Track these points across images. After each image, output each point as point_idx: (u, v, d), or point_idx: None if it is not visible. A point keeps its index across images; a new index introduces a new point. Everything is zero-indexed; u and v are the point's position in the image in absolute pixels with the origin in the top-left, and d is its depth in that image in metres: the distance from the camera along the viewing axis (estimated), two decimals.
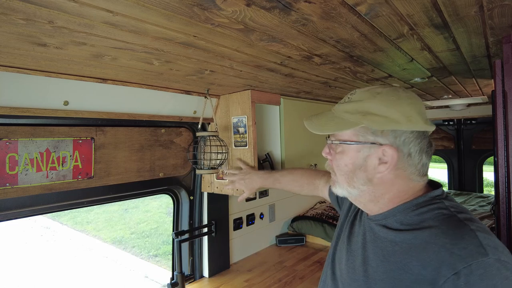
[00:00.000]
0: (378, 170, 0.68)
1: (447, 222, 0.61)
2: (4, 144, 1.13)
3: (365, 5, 0.69)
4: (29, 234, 7.64)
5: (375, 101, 0.69)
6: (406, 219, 0.67)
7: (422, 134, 0.68)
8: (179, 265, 1.71)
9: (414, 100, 0.69)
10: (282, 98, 1.89)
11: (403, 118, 0.66)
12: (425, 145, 0.69)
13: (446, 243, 0.58)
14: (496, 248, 0.56)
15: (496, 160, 1.06)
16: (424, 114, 0.69)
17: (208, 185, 1.85)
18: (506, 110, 1.00)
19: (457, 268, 0.54)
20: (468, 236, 0.57)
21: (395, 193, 0.70)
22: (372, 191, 0.71)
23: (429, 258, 0.58)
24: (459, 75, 1.60)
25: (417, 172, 0.69)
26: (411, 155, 0.68)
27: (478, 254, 0.55)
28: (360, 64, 1.26)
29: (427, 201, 0.68)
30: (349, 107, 0.72)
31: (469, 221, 0.60)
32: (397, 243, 0.66)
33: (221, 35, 0.82)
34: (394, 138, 0.67)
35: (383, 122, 0.66)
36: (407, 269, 0.61)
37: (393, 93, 0.69)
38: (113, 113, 1.36)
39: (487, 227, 0.61)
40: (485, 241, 0.56)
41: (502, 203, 1.03)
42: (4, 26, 0.69)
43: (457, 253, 0.56)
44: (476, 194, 3.38)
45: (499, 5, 0.74)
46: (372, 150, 0.68)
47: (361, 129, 0.69)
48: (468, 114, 3.35)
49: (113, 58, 0.97)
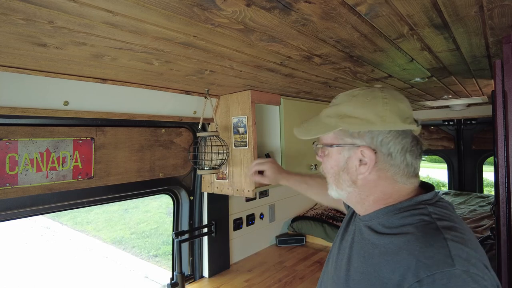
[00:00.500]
0: (359, 171, 0.69)
1: (423, 229, 0.60)
2: (4, 144, 1.13)
3: (365, 5, 0.69)
4: (29, 234, 7.64)
5: (351, 103, 0.70)
6: (388, 223, 0.67)
7: (403, 133, 0.67)
8: (179, 265, 1.71)
9: (391, 100, 0.68)
10: (282, 98, 1.89)
11: (377, 118, 0.66)
12: (408, 144, 0.67)
13: (415, 250, 0.57)
14: (468, 260, 0.54)
15: (496, 160, 1.06)
16: (403, 113, 0.67)
17: (208, 185, 1.85)
18: (506, 110, 1.00)
19: (420, 276, 0.54)
20: (438, 244, 0.56)
21: (379, 194, 0.70)
22: (358, 193, 0.72)
23: (399, 263, 0.58)
24: (459, 75, 1.60)
25: (402, 172, 0.68)
26: (391, 155, 0.67)
27: (444, 264, 0.53)
28: (360, 64, 1.26)
29: (411, 206, 0.67)
30: (330, 111, 0.74)
31: (447, 229, 0.59)
32: (376, 246, 0.66)
33: (221, 35, 0.82)
34: (371, 139, 0.67)
35: (359, 124, 0.67)
36: (380, 273, 0.61)
37: (369, 94, 0.70)
38: (113, 113, 1.36)
39: (467, 237, 0.59)
40: (456, 251, 0.55)
41: (502, 203, 1.03)
42: (4, 26, 0.69)
43: (423, 261, 0.55)
44: (476, 194, 3.38)
45: (499, 5, 0.74)
46: (351, 152, 0.69)
47: (339, 132, 0.71)
48: (468, 114, 3.34)
49: (113, 58, 0.97)
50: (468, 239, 0.59)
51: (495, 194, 1.16)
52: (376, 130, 0.66)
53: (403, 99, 0.70)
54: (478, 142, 3.54)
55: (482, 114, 3.25)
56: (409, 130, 0.67)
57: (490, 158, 3.68)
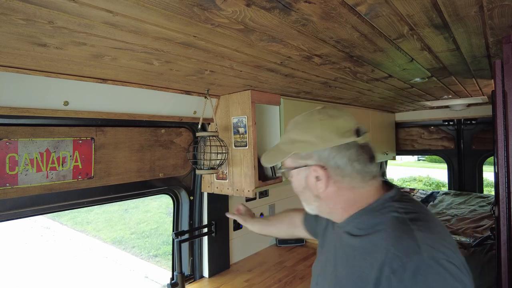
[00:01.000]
0: (318, 187, 0.76)
1: (393, 224, 0.66)
2: (4, 144, 1.13)
3: (365, 5, 0.69)
4: (29, 234, 7.64)
5: (296, 130, 0.79)
6: (362, 225, 0.73)
7: (345, 146, 0.73)
8: (179, 265, 1.71)
9: (326, 120, 0.75)
10: (282, 98, 1.89)
11: (317, 139, 0.74)
12: (353, 155, 0.73)
13: (389, 244, 0.63)
14: (433, 247, 0.60)
15: (496, 160, 1.06)
16: (340, 129, 0.74)
17: (208, 185, 1.85)
18: (506, 110, 1.00)
19: (394, 266, 0.60)
20: (406, 236, 0.63)
21: (345, 203, 0.76)
22: (325, 205, 0.79)
23: (376, 259, 0.64)
24: (459, 75, 1.60)
25: (358, 179, 0.74)
26: (340, 168, 0.73)
27: (413, 252, 0.59)
28: (360, 64, 1.26)
29: (380, 205, 0.73)
30: (284, 138, 0.83)
31: (414, 221, 0.65)
32: (356, 249, 0.71)
33: (221, 35, 0.82)
34: (318, 158, 0.74)
35: (305, 147, 0.75)
36: (362, 272, 0.67)
37: (308, 119, 0.78)
38: (113, 113, 1.36)
39: (432, 226, 0.65)
40: (422, 239, 0.61)
41: (502, 203, 1.03)
42: (4, 26, 0.69)
43: (396, 253, 0.61)
44: (476, 194, 3.38)
45: (499, 5, 0.74)
46: (307, 171, 0.77)
47: (294, 156, 0.79)
48: (468, 114, 3.35)
49: (113, 58, 0.97)
50: (434, 227, 0.65)
51: (495, 194, 1.16)
52: (320, 149, 0.74)
53: (340, 116, 0.76)
54: (478, 142, 3.54)
55: (482, 114, 3.25)
56: (351, 142, 0.73)
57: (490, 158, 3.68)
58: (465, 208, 3.05)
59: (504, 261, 1.04)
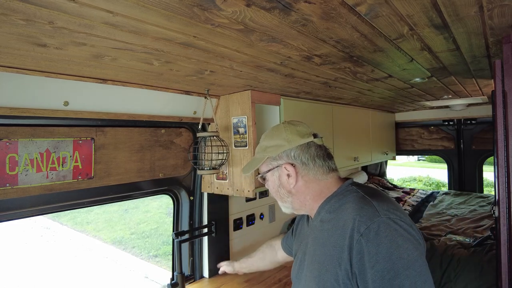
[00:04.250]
0: (289, 183, 0.92)
1: (355, 199, 0.82)
2: (4, 144, 1.13)
3: (365, 6, 0.69)
4: (29, 234, 7.64)
5: (267, 138, 0.98)
6: (331, 208, 0.87)
7: (307, 145, 0.92)
8: (179, 266, 1.71)
9: (289, 126, 0.95)
10: (282, 98, 1.89)
11: (284, 141, 0.93)
12: (313, 152, 0.92)
13: (355, 215, 0.77)
14: (388, 210, 0.76)
15: (496, 160, 1.06)
16: (301, 133, 0.93)
17: (208, 185, 1.85)
18: (506, 110, 1.00)
19: (361, 230, 0.74)
20: (367, 205, 0.78)
21: (313, 193, 0.92)
22: (297, 199, 0.94)
23: (346, 229, 0.77)
24: (459, 75, 1.61)
25: (320, 172, 0.91)
26: (305, 163, 0.91)
27: (374, 216, 0.75)
28: (360, 64, 1.26)
29: (343, 190, 0.89)
30: (257, 148, 1.01)
31: (371, 195, 0.82)
32: (328, 229, 0.84)
33: (221, 35, 0.82)
34: (287, 157, 0.92)
35: (275, 150, 0.94)
36: (336, 243, 0.79)
37: (275, 129, 0.98)
38: (113, 114, 1.36)
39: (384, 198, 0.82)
40: (379, 206, 0.77)
41: (502, 203, 1.03)
42: (4, 27, 0.69)
43: (361, 219, 0.75)
44: (476, 194, 3.37)
45: (499, 5, 0.74)
46: (279, 171, 0.93)
47: (267, 160, 0.96)
48: (468, 114, 3.35)
49: (113, 58, 0.97)
50: (387, 200, 0.82)
51: (495, 194, 1.16)
52: (287, 149, 0.92)
53: (299, 124, 0.97)
54: (478, 142, 3.54)
55: (482, 114, 3.25)
56: (311, 142, 0.93)
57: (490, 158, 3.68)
58: (465, 208, 3.05)
59: (504, 261, 1.04)
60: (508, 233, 1.02)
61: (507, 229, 1.02)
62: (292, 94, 1.91)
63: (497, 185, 1.05)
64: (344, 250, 0.75)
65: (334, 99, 2.31)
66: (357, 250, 0.73)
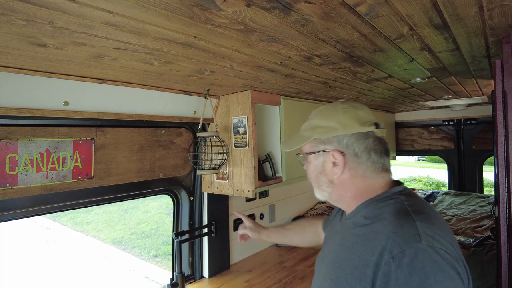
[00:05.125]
0: (334, 172, 0.80)
1: (396, 213, 0.70)
2: (4, 144, 1.13)
3: (365, 6, 0.69)
4: (29, 234, 7.63)
5: (318, 116, 0.85)
6: (368, 214, 0.76)
7: (364, 134, 0.79)
8: (179, 266, 1.71)
9: (349, 108, 0.81)
10: (282, 99, 1.89)
11: (339, 125, 0.79)
12: (371, 144, 0.78)
13: (390, 231, 0.66)
14: (432, 237, 0.63)
15: (496, 160, 1.06)
16: (361, 118, 0.80)
17: (208, 185, 1.85)
18: (506, 110, 1.00)
19: (394, 252, 0.62)
20: (408, 225, 0.65)
21: (356, 191, 0.80)
22: (336, 191, 0.83)
23: (377, 245, 0.66)
24: (459, 76, 1.61)
25: (371, 169, 0.78)
26: (357, 155, 0.78)
27: (413, 240, 0.62)
28: (360, 65, 1.26)
29: (387, 197, 0.76)
30: (305, 125, 0.89)
31: (416, 213, 0.69)
32: (359, 236, 0.74)
33: (221, 35, 0.82)
34: (338, 143, 0.80)
35: (326, 132, 0.81)
36: (362, 257, 0.69)
37: (331, 108, 0.84)
38: (113, 114, 1.36)
39: (433, 219, 0.68)
40: (423, 229, 0.64)
41: (502, 203, 1.03)
42: (4, 27, 0.69)
43: (396, 239, 0.64)
44: (476, 194, 3.37)
45: (499, 5, 0.74)
46: (325, 156, 0.82)
47: (314, 141, 0.84)
48: (468, 114, 3.34)
49: (113, 58, 0.97)
50: (435, 220, 0.68)
51: (495, 194, 1.16)
52: (341, 135, 0.79)
53: (362, 108, 0.83)
54: (478, 142, 3.54)
55: (482, 114, 3.25)
56: (370, 132, 0.79)
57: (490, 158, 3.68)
58: (465, 208, 3.05)
59: (504, 261, 1.04)
60: (508, 233, 1.02)
61: (507, 229, 1.02)
62: (292, 94, 1.91)
63: (497, 185, 1.05)
64: (369, 266, 0.66)
65: (334, 99, 2.31)
66: (383, 272, 0.63)
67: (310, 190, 3.07)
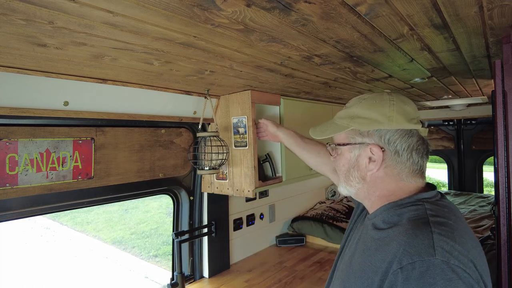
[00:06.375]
0: (368, 168, 0.74)
1: (414, 222, 0.64)
2: (4, 144, 1.13)
3: (365, 6, 0.69)
4: (29, 234, 7.63)
5: (360, 105, 0.77)
6: (388, 218, 0.71)
7: (408, 132, 0.72)
8: (179, 266, 1.71)
9: (397, 102, 0.74)
10: (282, 98, 1.89)
11: (384, 118, 0.72)
12: (414, 143, 0.72)
13: (403, 240, 0.61)
14: (449, 252, 0.56)
15: (496, 160, 1.06)
16: (409, 114, 0.73)
17: (208, 185, 1.85)
18: (506, 110, 1.00)
19: (403, 263, 0.57)
20: (423, 236, 0.59)
21: (384, 191, 0.75)
22: (366, 189, 0.77)
23: (388, 252, 0.62)
24: (459, 75, 1.61)
25: (408, 170, 0.72)
26: (398, 153, 0.72)
27: (426, 253, 0.56)
28: (360, 65, 1.26)
29: (411, 202, 0.70)
30: (342, 113, 0.81)
31: (438, 224, 0.62)
32: (375, 240, 0.69)
33: (221, 35, 0.82)
34: (379, 138, 0.73)
35: (367, 123, 0.74)
36: (373, 263, 0.65)
37: (377, 97, 0.76)
38: (113, 114, 1.36)
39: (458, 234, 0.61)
40: (440, 243, 0.57)
41: (502, 203, 1.03)
42: (4, 27, 0.69)
43: (408, 250, 0.58)
44: (476, 194, 3.38)
45: (499, 5, 0.74)
46: (361, 150, 0.75)
47: (351, 131, 0.77)
48: (468, 114, 3.35)
49: (113, 58, 0.97)
50: (459, 235, 0.61)
51: (495, 194, 1.16)
52: (384, 129, 0.72)
53: (409, 102, 0.75)
54: (478, 142, 3.54)
55: (482, 114, 3.26)
56: (415, 130, 0.72)
57: (490, 158, 3.68)
58: (465, 208, 3.05)
59: (504, 261, 1.04)
60: (508, 233, 1.02)
61: (507, 229, 1.02)
62: (292, 94, 1.91)
63: (497, 185, 1.06)
64: (378, 274, 0.62)
65: (334, 99, 2.31)
66: (390, 282, 0.59)
67: (310, 190, 3.10)
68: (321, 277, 1.90)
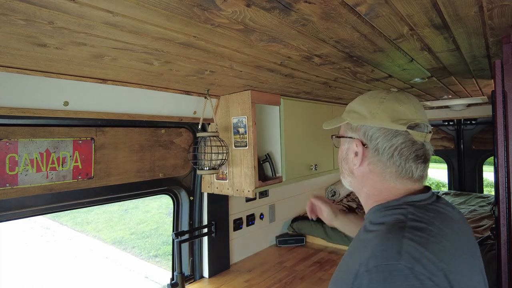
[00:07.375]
0: (353, 162, 0.76)
1: (392, 226, 0.62)
2: (4, 144, 1.13)
3: (365, 6, 0.69)
4: (29, 234, 7.63)
5: (358, 100, 0.80)
6: (374, 220, 0.70)
7: (395, 132, 0.70)
8: (179, 266, 1.71)
9: (389, 100, 0.73)
10: (282, 99, 1.89)
11: (369, 114, 0.73)
12: (398, 144, 0.69)
13: (375, 243, 0.60)
14: (416, 259, 0.54)
15: (496, 160, 1.06)
16: (397, 114, 0.70)
17: (208, 185, 1.85)
18: (506, 110, 1.00)
19: (369, 266, 0.56)
20: (393, 240, 0.58)
21: (370, 189, 0.75)
22: (356, 183, 0.79)
23: (361, 255, 0.61)
24: (459, 76, 1.61)
25: (390, 171, 0.70)
26: (378, 151, 0.71)
27: (391, 257, 0.55)
28: (360, 65, 1.26)
29: (397, 205, 0.68)
30: (347, 106, 0.83)
31: (414, 229, 0.60)
32: (360, 241, 0.69)
33: (221, 35, 0.82)
34: (363, 134, 0.74)
35: (357, 118, 0.76)
36: (351, 265, 0.63)
37: (372, 94, 0.77)
38: (113, 114, 1.36)
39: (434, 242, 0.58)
40: (408, 248, 0.55)
41: (502, 203, 1.03)
42: (4, 27, 0.69)
43: (376, 253, 0.58)
44: (476, 194, 3.38)
45: (499, 5, 0.74)
46: (350, 144, 0.77)
47: (346, 125, 0.80)
48: (468, 114, 3.35)
49: (113, 58, 0.97)
50: (435, 242, 0.58)
51: (495, 194, 1.16)
52: (368, 125, 0.73)
53: (406, 103, 0.72)
54: (478, 142, 3.54)
55: (482, 114, 3.26)
56: (403, 131, 0.69)
57: (490, 158, 3.68)
58: (465, 208, 3.05)
59: (504, 261, 1.04)
60: (508, 233, 1.02)
61: (507, 229, 1.02)
62: (292, 94, 1.91)
63: (497, 185, 1.06)
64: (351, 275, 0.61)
65: (334, 99, 2.31)
66: (358, 284, 0.58)
67: (310, 190, 3.09)
68: (321, 277, 1.90)
